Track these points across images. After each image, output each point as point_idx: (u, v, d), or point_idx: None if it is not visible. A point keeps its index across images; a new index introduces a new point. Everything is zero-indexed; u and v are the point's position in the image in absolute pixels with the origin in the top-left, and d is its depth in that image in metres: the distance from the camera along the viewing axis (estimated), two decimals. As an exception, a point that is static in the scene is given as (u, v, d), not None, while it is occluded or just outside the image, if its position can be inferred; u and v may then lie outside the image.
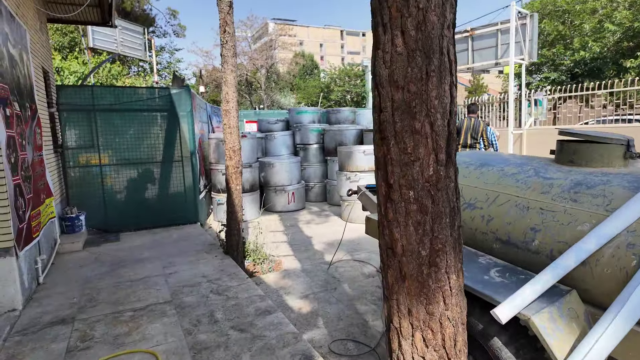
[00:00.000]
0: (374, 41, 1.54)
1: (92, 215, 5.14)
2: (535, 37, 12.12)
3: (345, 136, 7.32)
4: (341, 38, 72.59)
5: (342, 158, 6.12)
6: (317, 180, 7.95)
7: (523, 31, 11.94)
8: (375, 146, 1.55)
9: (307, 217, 6.56)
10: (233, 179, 3.85)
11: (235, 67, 3.61)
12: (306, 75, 34.19)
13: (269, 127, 8.68)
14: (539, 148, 11.35)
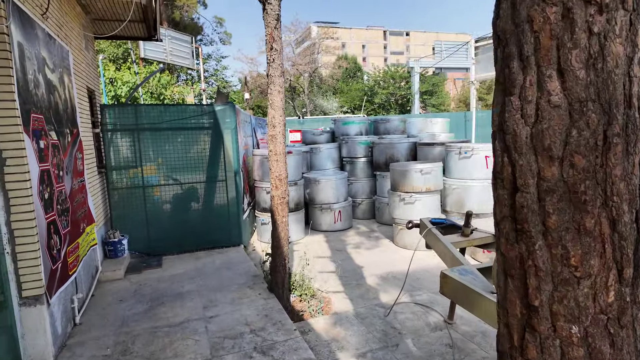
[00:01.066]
0: (504, 82, 1.00)
1: (134, 238, 4.98)
2: None
3: (397, 150, 6.75)
4: (384, 38, 71.31)
5: (395, 176, 5.57)
6: (364, 196, 7.43)
7: None
8: (503, 240, 1.04)
9: (356, 239, 6.06)
10: (279, 211, 3.45)
11: (282, 88, 3.21)
12: (349, 78, 33.71)
13: (313, 139, 8.29)
14: None
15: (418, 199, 5.39)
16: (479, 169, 5.40)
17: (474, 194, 5.43)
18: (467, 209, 5.52)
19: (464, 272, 2.66)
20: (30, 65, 2.77)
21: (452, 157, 5.60)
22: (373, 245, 5.74)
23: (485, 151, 5.35)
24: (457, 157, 5.53)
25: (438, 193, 5.56)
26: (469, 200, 5.46)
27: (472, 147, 5.37)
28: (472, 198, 5.44)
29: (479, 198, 5.43)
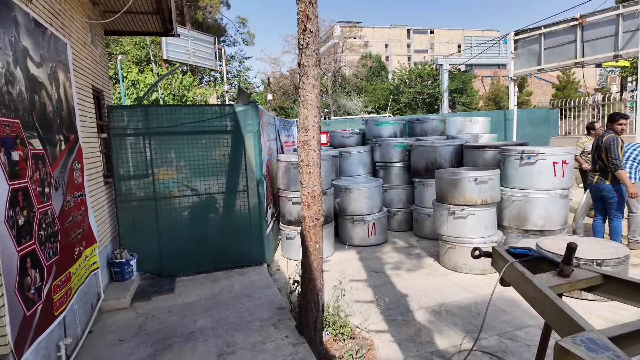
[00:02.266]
0: None
1: (145, 257, 4.40)
2: (675, 19, 9.61)
3: (440, 153, 5.93)
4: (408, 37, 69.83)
5: (442, 185, 4.78)
6: (400, 205, 6.64)
7: (657, 13, 9.52)
8: None
9: (394, 257, 5.29)
10: (311, 235, 2.76)
11: (318, 82, 2.51)
12: (373, 77, 32.78)
13: (342, 142, 7.56)
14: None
15: (471, 213, 4.57)
16: (545, 177, 4.54)
17: (539, 207, 4.57)
18: (529, 224, 4.67)
19: (595, 347, 1.87)
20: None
21: (511, 162, 4.75)
22: (415, 265, 4.96)
23: (553, 156, 4.48)
24: (517, 162, 4.69)
25: (494, 206, 4.73)
26: (531, 214, 4.61)
27: (536, 152, 4.52)
28: (536, 211, 4.59)
29: (544, 212, 4.57)
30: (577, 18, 11.00)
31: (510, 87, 13.37)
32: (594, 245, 4.09)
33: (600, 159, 4.66)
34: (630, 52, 10.05)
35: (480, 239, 4.57)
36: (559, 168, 4.49)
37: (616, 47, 10.27)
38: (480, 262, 4.57)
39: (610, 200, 4.89)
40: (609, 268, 3.70)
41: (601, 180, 4.78)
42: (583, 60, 11.11)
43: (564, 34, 11.42)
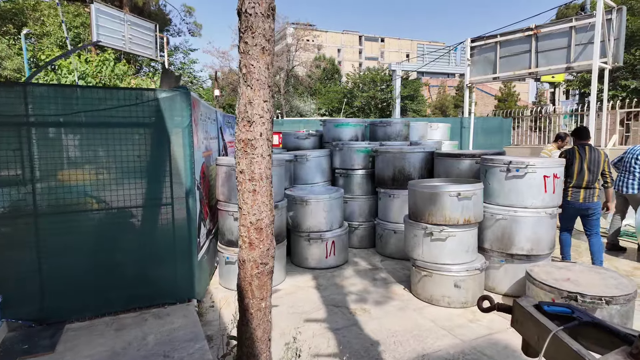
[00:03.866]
0: None
1: (19, 298, 3.11)
2: (623, 35, 9.71)
3: (409, 161, 5.17)
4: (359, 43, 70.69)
5: (417, 201, 3.98)
6: (362, 219, 5.81)
7: (607, 28, 9.66)
8: None
9: (357, 284, 4.40)
10: (254, 289, 1.74)
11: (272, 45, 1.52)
12: (327, 79, 32.22)
13: (297, 144, 6.60)
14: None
15: (452, 235, 3.81)
16: (535, 193, 3.89)
17: (527, 228, 3.92)
18: (514, 247, 3.99)
19: None
20: None
21: (496, 175, 4.07)
22: (383, 295, 4.10)
23: (544, 168, 3.85)
24: (502, 175, 4.01)
25: (477, 226, 4.01)
26: (518, 235, 3.94)
27: (526, 163, 3.86)
28: (523, 233, 3.93)
29: (532, 233, 3.92)
30: (532, 28, 10.98)
31: (465, 94, 13.21)
32: (592, 276, 3.49)
33: (602, 175, 4.33)
34: (581, 65, 10.11)
35: (461, 266, 3.82)
36: (549, 183, 3.88)
37: (568, 60, 10.31)
38: (461, 293, 3.82)
39: (595, 217, 4.45)
40: (618, 307, 3.08)
41: (590, 199, 4.31)
42: (537, 71, 11.11)
43: (519, 44, 11.38)
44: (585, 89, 13.27)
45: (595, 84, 9.45)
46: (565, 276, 3.49)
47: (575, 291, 3.15)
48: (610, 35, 9.61)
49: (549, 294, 3.29)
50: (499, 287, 4.15)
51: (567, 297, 3.17)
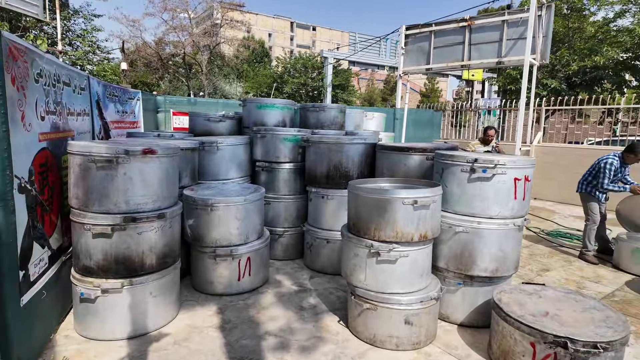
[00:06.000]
0: None
1: None
2: (550, 32, 9.67)
3: (348, 155, 4.15)
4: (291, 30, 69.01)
5: (360, 208, 2.96)
6: (289, 224, 4.70)
7: (537, 24, 9.63)
8: None
9: (279, 319, 3.29)
10: None
11: None
12: (256, 62, 30.35)
13: (208, 128, 5.24)
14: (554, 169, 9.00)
15: (404, 255, 2.86)
16: (503, 199, 3.10)
17: (492, 243, 3.12)
18: (476, 268, 3.16)
19: None
20: None
21: (456, 176, 3.20)
22: (312, 335, 3.04)
23: (516, 169, 3.06)
24: (464, 177, 3.15)
25: (432, 242, 3.12)
26: (482, 253, 3.13)
27: (494, 162, 3.04)
28: (488, 250, 3.13)
29: (498, 250, 3.13)
30: (467, 19, 10.67)
31: (398, 84, 12.71)
32: (573, 306, 2.78)
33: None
34: (512, 60, 9.99)
35: (415, 295, 2.90)
36: (520, 187, 3.11)
37: (500, 54, 10.14)
38: (412, 332, 2.89)
39: None
40: (613, 353, 2.37)
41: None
42: (469, 64, 10.85)
43: (454, 35, 11.02)
44: (510, 85, 13.56)
45: (525, 79, 9.33)
46: (543, 308, 2.74)
47: (562, 335, 2.38)
48: (539, 32, 9.58)
49: (527, 337, 2.50)
50: (454, 315, 3.34)
51: (553, 342, 2.40)
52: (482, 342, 3.00)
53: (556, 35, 12.47)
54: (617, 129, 11.41)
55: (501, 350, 2.68)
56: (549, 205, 8.72)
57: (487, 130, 7.27)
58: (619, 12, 12.49)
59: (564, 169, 8.96)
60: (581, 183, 5.14)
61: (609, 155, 4.81)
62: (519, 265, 3.98)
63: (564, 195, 8.90)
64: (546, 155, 9.53)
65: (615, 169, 4.73)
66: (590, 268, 4.83)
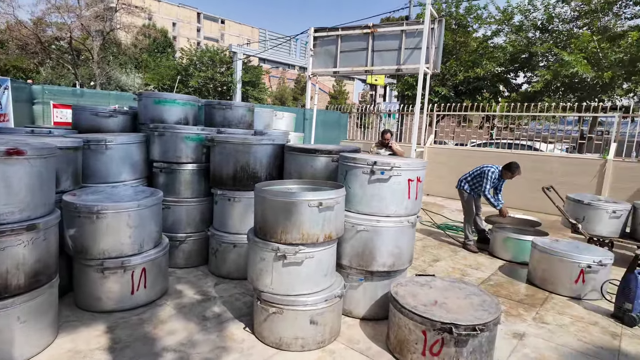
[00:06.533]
0: None
1: None
2: (442, 44, 10.82)
3: (256, 156, 4.06)
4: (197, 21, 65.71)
5: (267, 212, 2.91)
6: (191, 229, 4.43)
7: (430, 37, 10.62)
8: None
9: (179, 332, 3.08)
10: None
11: None
12: (157, 52, 28.19)
13: (96, 124, 4.68)
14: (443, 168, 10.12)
15: (309, 256, 2.89)
16: (399, 199, 3.33)
17: (389, 240, 3.33)
18: (376, 263, 3.34)
19: None
20: None
21: (358, 178, 3.34)
22: (216, 346, 2.91)
23: (410, 171, 3.31)
24: (365, 178, 3.31)
25: (336, 242, 3.22)
26: (380, 249, 3.33)
27: (391, 164, 3.24)
28: (385, 246, 3.33)
29: (395, 246, 3.36)
30: (370, 27, 11.28)
31: (308, 85, 12.94)
32: (456, 294, 3.11)
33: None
34: (409, 68, 10.85)
35: (319, 295, 2.96)
36: (413, 187, 3.37)
37: (399, 62, 10.94)
38: (317, 331, 2.95)
39: None
40: (487, 333, 2.71)
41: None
42: (372, 69, 11.50)
43: (358, 40, 11.57)
44: (408, 91, 14.75)
45: (420, 86, 10.21)
46: (432, 298, 3.00)
47: (448, 321, 2.64)
48: (432, 44, 10.57)
49: (420, 326, 2.72)
50: (356, 310, 3.49)
51: (441, 329, 2.64)
52: (381, 334, 3.19)
53: (446, 48, 13.88)
54: (493, 133, 13.17)
55: (398, 340, 2.88)
56: (439, 201, 9.69)
57: (383, 133, 7.84)
58: (495, 31, 14.43)
59: (451, 168, 10.02)
60: (461, 181, 5.79)
61: (493, 166, 5.49)
62: (414, 257, 4.32)
63: (452, 191, 9.96)
64: (437, 156, 10.59)
65: (494, 179, 5.42)
66: (472, 256, 5.47)
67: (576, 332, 3.42)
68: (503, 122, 12.53)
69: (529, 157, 9.16)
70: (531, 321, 3.60)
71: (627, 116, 8.58)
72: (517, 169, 5.36)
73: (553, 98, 12.43)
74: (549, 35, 13.28)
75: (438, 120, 13.22)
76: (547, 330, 3.44)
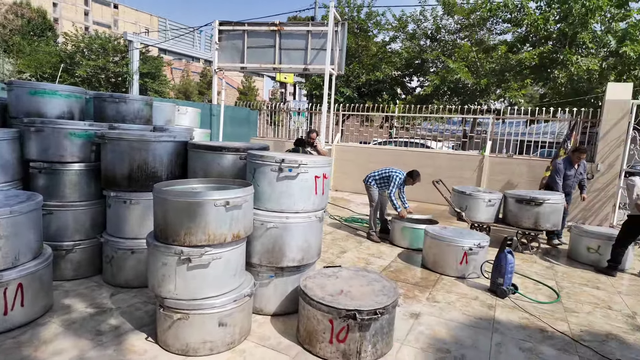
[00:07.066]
0: None
1: None
2: (345, 47, 11.42)
3: (155, 154, 3.78)
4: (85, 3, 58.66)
5: (168, 213, 2.74)
6: (81, 236, 3.97)
7: (334, 39, 11.05)
8: None
9: (66, 352, 2.74)
10: None
11: None
12: (34, 35, 24.42)
13: (-51, 116, 3.89)
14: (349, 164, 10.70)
15: (217, 257, 2.82)
16: (307, 195, 3.42)
17: (298, 236, 3.42)
18: (286, 259, 3.40)
19: None
20: None
21: (266, 175, 3.35)
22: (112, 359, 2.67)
23: (316, 168, 3.43)
24: (274, 175, 3.33)
25: (245, 240, 3.18)
26: (290, 245, 3.39)
27: (298, 162, 3.32)
28: (295, 242, 3.41)
29: (304, 242, 3.46)
30: (276, 24, 11.31)
31: (214, 80, 12.47)
32: (360, 282, 3.32)
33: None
34: (316, 68, 11.17)
35: (228, 296, 2.91)
36: (319, 184, 3.50)
37: (306, 61, 11.19)
38: (227, 332, 2.90)
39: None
40: (387, 315, 2.95)
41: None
42: (280, 67, 11.57)
43: (266, 37, 11.52)
44: (315, 91, 15.14)
45: (327, 87, 10.58)
46: (339, 288, 3.16)
47: (352, 308, 2.81)
48: (337, 46, 11.01)
49: (327, 315, 2.85)
50: (267, 307, 3.51)
51: (346, 316, 2.80)
52: (292, 328, 3.25)
53: (350, 50, 14.58)
54: (392, 132, 14.25)
55: (307, 331, 2.97)
56: (346, 195, 10.18)
57: (310, 133, 7.98)
58: (392, 37, 15.59)
59: (357, 165, 10.59)
60: (369, 177, 6.17)
61: (400, 172, 5.92)
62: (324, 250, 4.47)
63: (358, 186, 10.52)
64: (344, 153, 11.09)
65: (400, 183, 5.87)
66: (375, 246, 5.88)
67: (461, 307, 3.91)
68: (400, 122, 13.65)
69: (422, 154, 10.14)
70: (425, 301, 4.01)
71: (499, 118, 10.03)
72: (417, 176, 5.88)
73: (441, 101, 13.93)
74: (437, 44, 14.82)
75: (344, 120, 13.84)
76: (438, 308, 3.87)
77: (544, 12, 11.67)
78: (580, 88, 11.26)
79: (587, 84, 11.17)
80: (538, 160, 8.88)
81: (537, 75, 12.37)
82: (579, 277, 5.04)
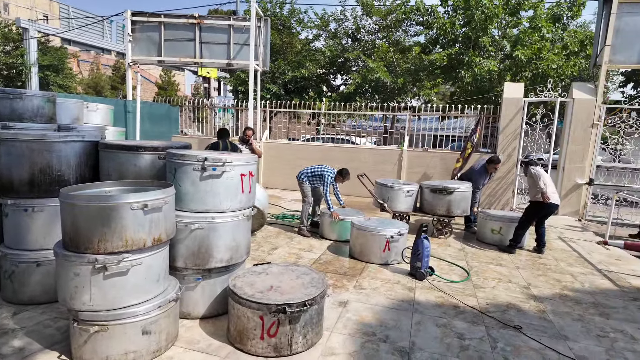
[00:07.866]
0: None
1: None
2: (269, 43, 11.37)
3: (58, 155, 3.43)
4: (-36, -19, 50.28)
5: (79, 220, 2.52)
6: (-30, 250, 3.47)
7: (258, 35, 10.95)
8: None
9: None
10: None
11: None
12: None
13: None
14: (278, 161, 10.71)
15: (137, 263, 2.67)
16: (233, 194, 3.39)
17: (226, 236, 3.37)
18: (213, 260, 3.35)
19: None
20: None
21: (189, 175, 3.24)
22: (20, 386, 2.41)
23: (241, 166, 3.40)
24: (197, 175, 3.24)
25: (168, 243, 3.06)
26: (217, 246, 3.34)
27: (222, 160, 3.27)
28: (223, 242, 3.36)
29: (232, 241, 3.42)
30: (196, 17, 10.89)
31: (128, 74, 11.61)
32: (290, 276, 3.39)
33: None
34: (240, 63, 10.99)
35: (152, 302, 2.78)
36: (246, 182, 3.48)
37: (229, 56, 10.94)
38: (152, 340, 2.79)
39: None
40: (316, 306, 3.06)
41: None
42: (202, 61, 11.18)
43: (184, 30, 11.03)
44: (241, 87, 14.85)
45: (252, 83, 10.45)
46: (269, 284, 3.20)
47: (282, 302, 2.87)
48: (260, 42, 10.92)
49: (257, 312, 2.87)
50: (195, 310, 3.41)
51: (276, 311, 2.85)
52: (222, 329, 3.21)
53: (274, 47, 14.52)
54: (320, 129, 14.55)
55: (237, 330, 2.96)
56: (277, 192, 10.19)
57: (246, 130, 7.79)
58: (315, 35, 15.86)
59: (286, 162, 10.64)
60: (302, 174, 6.25)
61: (331, 170, 6.07)
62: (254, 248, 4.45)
63: (288, 183, 10.59)
64: (272, 150, 11.07)
65: (331, 182, 6.04)
66: (306, 241, 6.00)
67: (385, 292, 4.18)
68: (327, 119, 13.99)
69: (348, 149, 10.53)
70: (353, 289, 4.21)
71: (415, 115, 10.77)
72: (347, 174, 6.11)
73: (363, 98, 14.55)
74: (358, 44, 15.42)
75: (272, 117, 13.77)
76: (364, 294, 4.09)
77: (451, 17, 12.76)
78: (483, 87, 12.55)
79: (489, 83, 12.49)
80: (449, 153, 9.74)
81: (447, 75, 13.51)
82: (485, 256, 5.66)
